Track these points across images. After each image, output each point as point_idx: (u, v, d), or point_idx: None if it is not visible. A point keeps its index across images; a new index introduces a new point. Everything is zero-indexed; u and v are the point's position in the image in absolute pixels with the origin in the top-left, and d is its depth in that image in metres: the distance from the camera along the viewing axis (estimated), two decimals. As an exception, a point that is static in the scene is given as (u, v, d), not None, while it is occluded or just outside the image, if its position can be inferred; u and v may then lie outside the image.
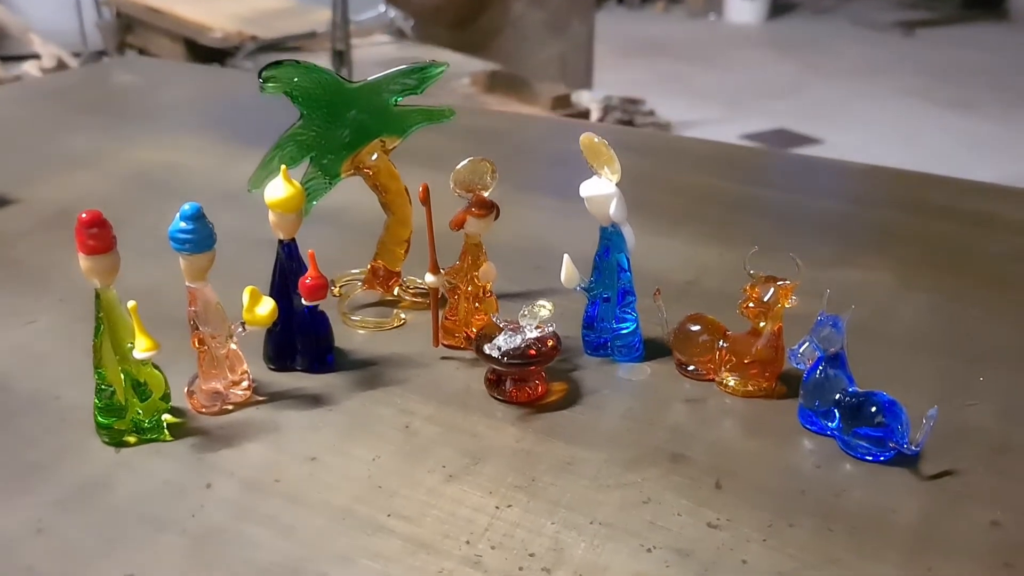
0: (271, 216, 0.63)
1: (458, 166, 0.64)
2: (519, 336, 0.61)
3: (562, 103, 2.84)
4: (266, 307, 0.60)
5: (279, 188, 0.62)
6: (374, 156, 0.71)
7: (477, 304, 0.68)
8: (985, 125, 3.90)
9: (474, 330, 0.67)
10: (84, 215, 0.54)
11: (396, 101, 0.71)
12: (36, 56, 2.76)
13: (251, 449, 0.58)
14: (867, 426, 0.57)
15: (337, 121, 0.70)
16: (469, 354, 0.68)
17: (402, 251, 0.74)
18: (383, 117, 0.71)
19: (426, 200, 0.63)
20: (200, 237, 0.57)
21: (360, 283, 0.76)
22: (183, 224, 0.57)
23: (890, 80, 4.58)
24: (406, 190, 0.73)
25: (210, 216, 0.57)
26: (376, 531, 0.51)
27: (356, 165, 0.71)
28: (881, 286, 0.79)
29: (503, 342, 0.61)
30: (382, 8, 3.36)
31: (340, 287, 0.76)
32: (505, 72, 3.00)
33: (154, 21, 3.39)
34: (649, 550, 0.50)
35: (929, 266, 0.83)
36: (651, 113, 3.32)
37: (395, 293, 0.75)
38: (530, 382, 0.63)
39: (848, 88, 4.47)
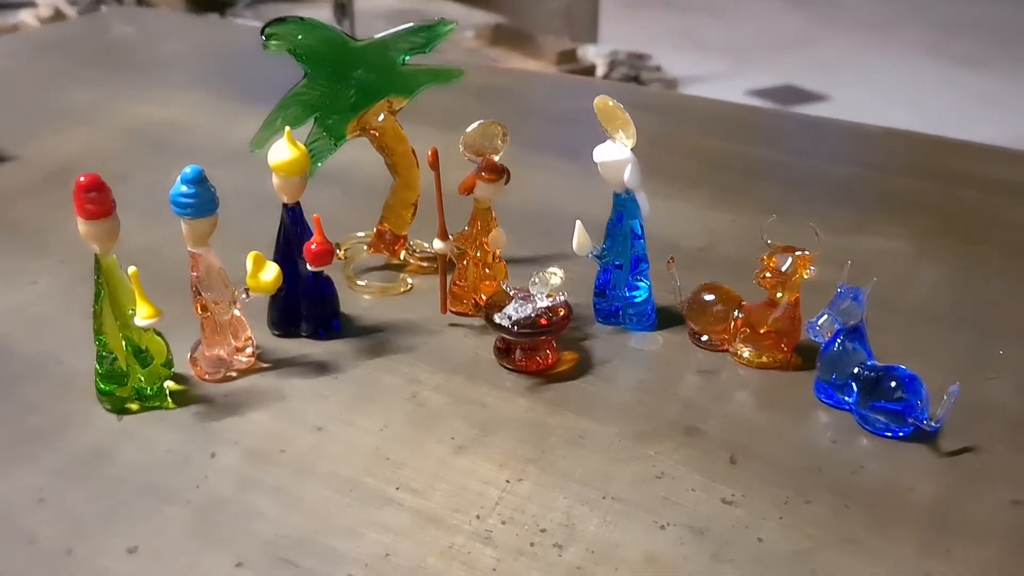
0: (275, 179, 0.61)
1: (468, 129, 0.62)
2: (530, 305, 0.60)
3: (567, 58, 2.80)
4: (270, 273, 0.58)
5: (283, 150, 0.60)
6: (380, 117, 0.69)
7: (486, 270, 0.67)
8: (996, 82, 3.85)
9: (483, 296, 0.66)
10: (82, 179, 0.52)
11: (403, 60, 0.68)
12: (32, 3, 2.72)
13: (256, 418, 0.57)
14: (886, 401, 0.55)
15: (342, 80, 0.68)
16: (477, 321, 0.67)
17: (409, 214, 0.73)
18: (390, 77, 0.69)
19: (435, 164, 0.61)
20: (202, 201, 0.55)
21: (366, 247, 0.74)
22: (184, 188, 0.55)
23: (899, 35, 4.51)
24: (413, 152, 0.71)
25: (212, 174, 0.55)
26: (384, 504, 0.50)
27: (362, 126, 0.69)
28: (899, 255, 0.77)
29: (513, 311, 0.60)
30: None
31: (345, 250, 0.74)
32: (509, 26, 2.95)
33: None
34: (663, 527, 0.49)
35: (948, 235, 0.81)
36: (657, 69, 3.27)
37: (401, 257, 0.74)
38: (540, 351, 0.62)
39: (857, 43, 4.41)
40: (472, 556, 0.47)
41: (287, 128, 0.60)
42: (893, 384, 0.55)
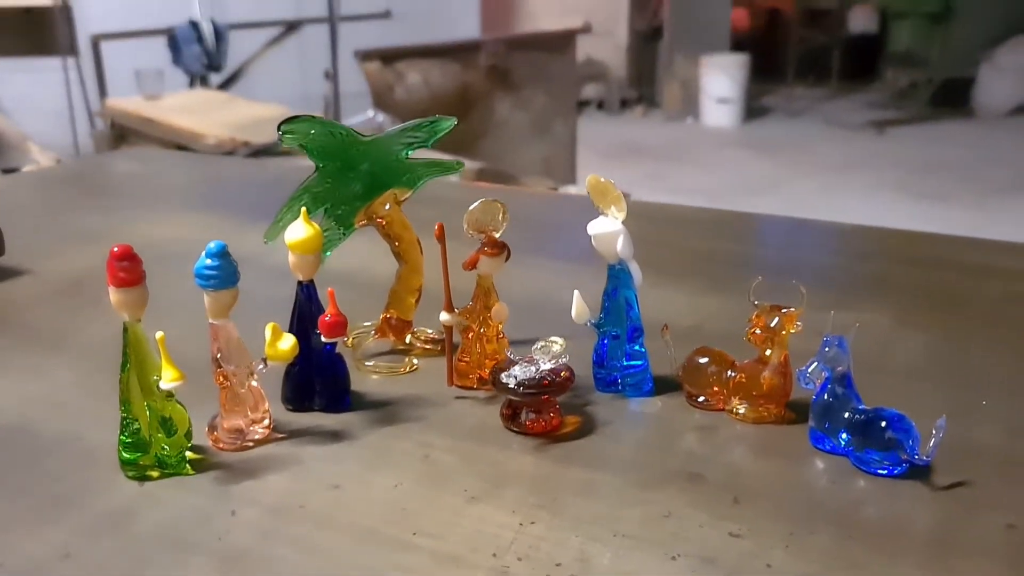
0: (291, 257, 0.65)
1: (471, 207, 0.67)
2: (533, 367, 0.63)
3: (549, 197, 2.90)
4: (287, 342, 0.61)
5: (299, 229, 0.64)
6: (387, 206, 0.74)
7: (489, 344, 0.70)
8: (961, 215, 4.00)
9: (487, 372, 0.69)
10: (116, 248, 0.56)
11: (407, 154, 0.74)
12: (34, 161, 2.83)
13: (274, 480, 0.59)
14: (878, 439, 0.58)
15: (350, 173, 0.73)
16: (483, 393, 0.69)
17: (414, 300, 0.76)
18: (395, 169, 0.74)
19: (441, 238, 0.65)
20: (225, 274, 0.59)
21: (373, 331, 0.77)
22: (208, 261, 0.59)
23: (865, 175, 4.71)
24: (418, 240, 0.75)
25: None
26: (403, 548, 0.52)
27: (369, 216, 0.74)
28: (880, 326, 0.81)
29: (519, 372, 0.63)
30: (371, 113, 3.46)
31: (352, 338, 0.77)
32: (492, 168, 3.07)
33: (147, 130, 3.47)
34: (674, 558, 0.51)
35: (926, 309, 0.86)
36: (636, 208, 3.39)
37: (407, 342, 0.77)
38: (545, 413, 0.64)
39: (825, 184, 4.59)
40: (491, 588, 0.48)
41: (303, 208, 0.65)
42: (883, 424, 0.58)
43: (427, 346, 0.77)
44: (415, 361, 0.75)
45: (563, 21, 5.01)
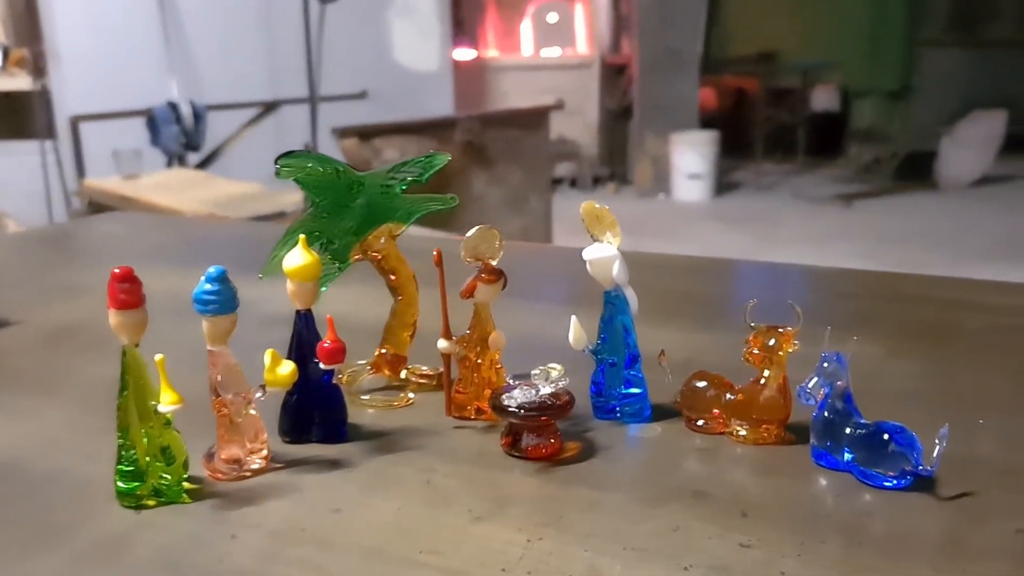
0: (289, 285, 0.65)
1: (468, 234, 0.67)
2: (534, 390, 0.63)
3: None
4: (286, 368, 0.61)
5: (297, 257, 0.64)
6: (382, 241, 0.74)
7: (487, 373, 0.70)
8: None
9: (485, 402, 0.69)
10: (117, 270, 0.56)
11: (401, 189, 0.74)
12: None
13: (273, 505, 0.58)
14: (882, 455, 0.58)
15: (345, 208, 0.73)
16: (481, 423, 0.69)
17: (408, 335, 0.76)
18: (389, 204, 0.74)
19: (439, 263, 0.66)
20: (224, 299, 0.59)
21: (369, 367, 0.77)
22: (208, 286, 0.59)
23: (838, 244, 4.78)
24: (413, 275, 0.76)
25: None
26: (410, 565, 0.51)
27: (364, 250, 0.74)
28: (871, 356, 0.81)
29: (519, 395, 0.63)
30: (349, 188, 3.49)
31: (348, 374, 0.77)
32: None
33: (125, 208, 3.47)
34: (686, 568, 0.50)
35: (914, 340, 0.87)
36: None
37: (402, 376, 0.77)
38: (546, 438, 0.64)
39: (797, 254, 4.65)
40: (503, 600, 0.48)
41: (302, 236, 0.65)
42: (886, 437, 0.58)
43: (422, 381, 0.76)
44: (411, 395, 0.74)
45: (535, 100, 5.11)
